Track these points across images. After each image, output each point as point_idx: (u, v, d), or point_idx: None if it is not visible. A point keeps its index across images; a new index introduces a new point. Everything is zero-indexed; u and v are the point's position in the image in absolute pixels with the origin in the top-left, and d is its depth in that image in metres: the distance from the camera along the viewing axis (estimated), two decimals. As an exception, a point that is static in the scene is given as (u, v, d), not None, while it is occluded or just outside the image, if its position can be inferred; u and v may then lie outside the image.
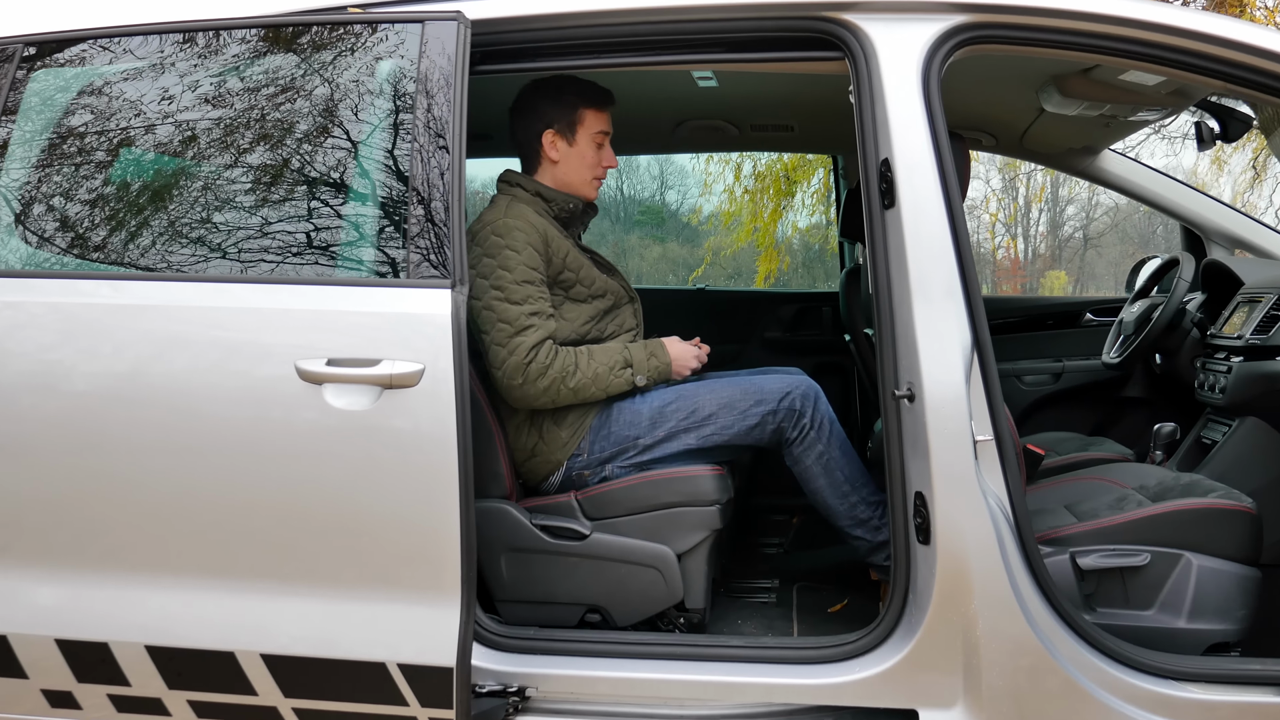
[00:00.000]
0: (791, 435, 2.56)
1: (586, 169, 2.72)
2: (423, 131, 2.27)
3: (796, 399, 2.54)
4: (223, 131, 2.33)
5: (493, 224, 2.55)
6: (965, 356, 2.19)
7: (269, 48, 2.39)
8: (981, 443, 2.19)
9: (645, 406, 2.58)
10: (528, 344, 2.46)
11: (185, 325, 2.18)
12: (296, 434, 2.13)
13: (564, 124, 2.69)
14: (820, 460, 2.57)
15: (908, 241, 2.22)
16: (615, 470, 2.56)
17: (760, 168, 11.76)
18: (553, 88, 2.69)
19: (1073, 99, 2.95)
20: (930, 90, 2.27)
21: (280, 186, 2.30)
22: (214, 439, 2.15)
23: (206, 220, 2.30)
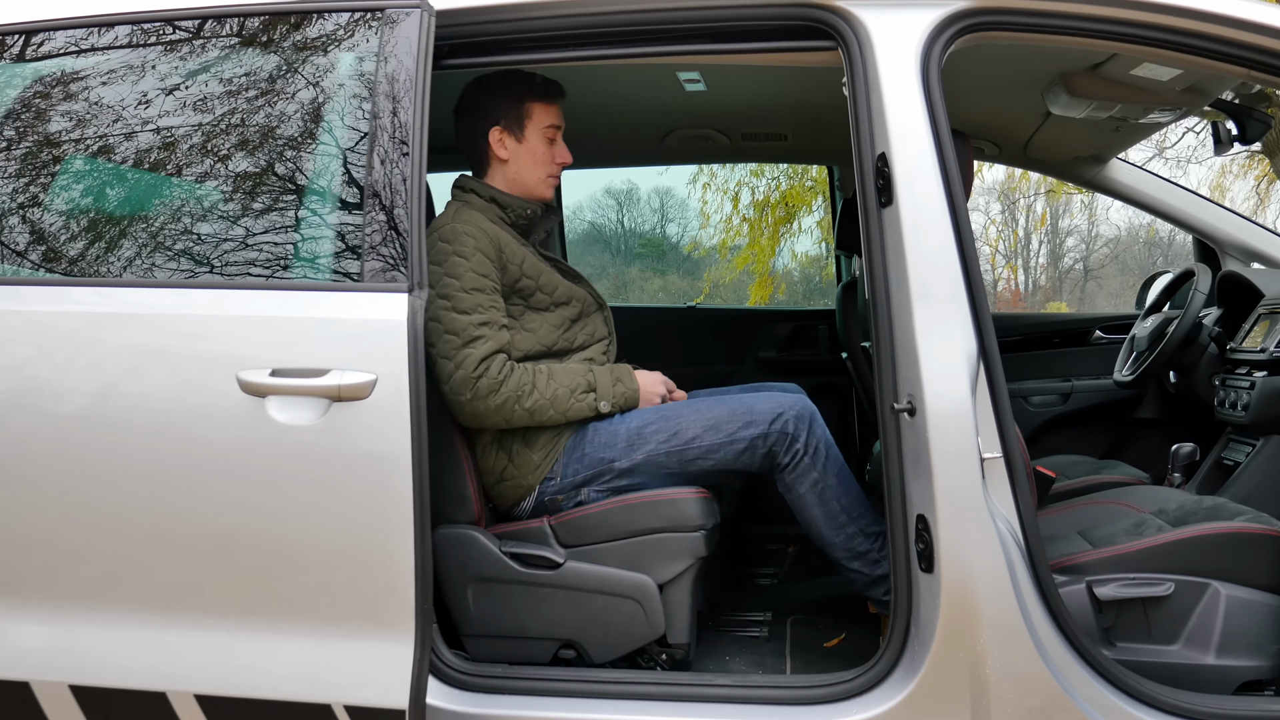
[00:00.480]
0: (784, 460, 2.35)
1: (538, 166, 2.54)
2: (382, 128, 2.10)
3: (789, 421, 2.34)
4: (164, 128, 2.16)
5: (440, 230, 2.37)
6: (971, 366, 2.01)
7: (217, 40, 2.22)
8: (989, 460, 2.00)
9: (622, 427, 2.39)
10: (476, 356, 2.27)
11: (119, 333, 2.00)
12: (237, 452, 1.94)
13: (510, 119, 2.52)
14: (815, 488, 2.37)
15: (907, 241, 2.04)
16: (591, 494, 2.36)
17: (759, 196, 11.66)
18: (496, 82, 2.53)
19: (1081, 99, 2.78)
20: (930, 80, 2.11)
21: (227, 185, 2.13)
22: (148, 458, 1.96)
23: (145, 221, 2.12)
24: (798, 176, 10.79)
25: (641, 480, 2.36)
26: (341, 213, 2.07)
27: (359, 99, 2.14)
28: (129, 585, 1.99)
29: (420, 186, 2.06)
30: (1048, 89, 2.87)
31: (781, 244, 11.83)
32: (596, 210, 19.48)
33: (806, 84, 3.03)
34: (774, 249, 11.50)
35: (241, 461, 1.94)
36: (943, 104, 2.11)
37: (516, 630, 2.32)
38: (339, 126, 2.15)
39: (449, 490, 2.33)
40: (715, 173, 11.66)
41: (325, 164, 2.13)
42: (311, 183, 2.12)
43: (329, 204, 2.09)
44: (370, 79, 2.13)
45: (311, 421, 1.91)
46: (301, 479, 1.93)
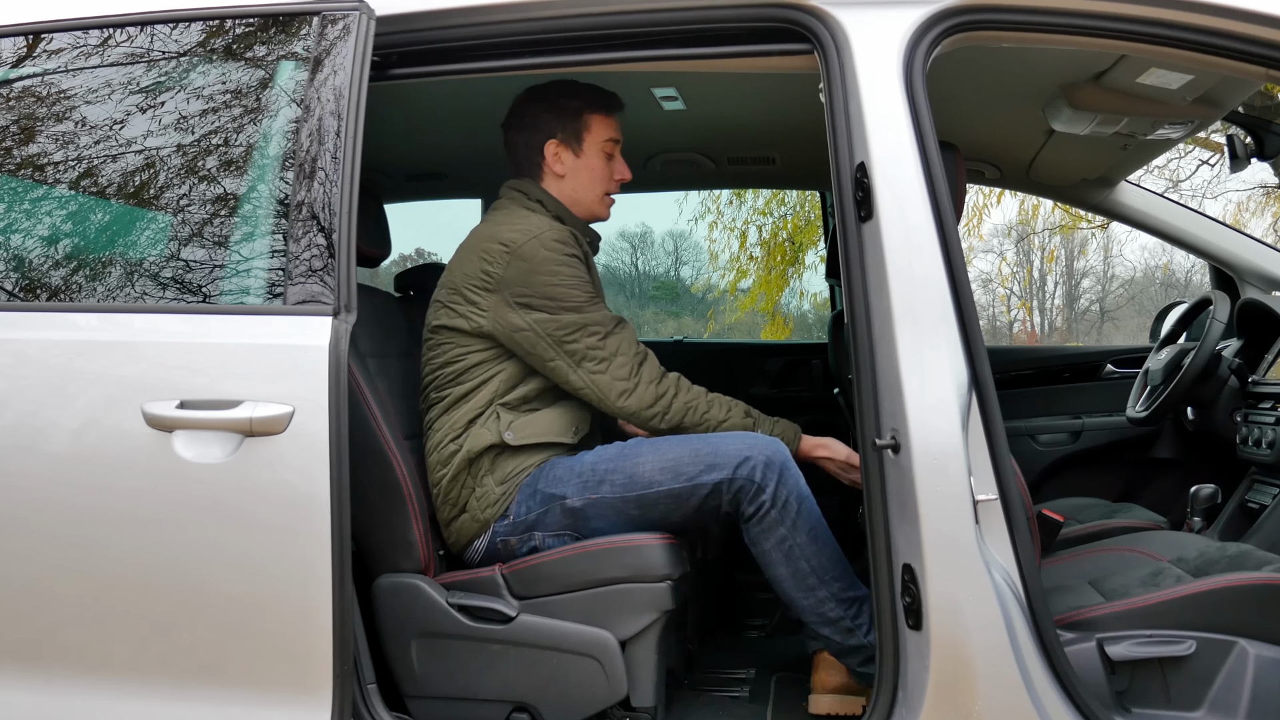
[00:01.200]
0: (747, 511, 2.10)
1: (597, 183, 2.37)
2: (312, 141, 1.92)
3: (757, 467, 2.08)
4: (72, 140, 1.98)
5: (540, 235, 2.20)
6: (961, 397, 1.80)
7: (132, 49, 2.05)
8: (983, 503, 1.79)
9: (579, 463, 2.18)
10: (630, 339, 2.22)
11: (8, 361, 1.81)
12: (139, 492, 1.75)
13: (568, 133, 2.34)
14: (781, 545, 2.12)
15: (889, 258, 1.84)
16: (546, 540, 2.15)
17: (765, 234, 11.49)
18: (552, 93, 2.35)
19: (1085, 112, 2.58)
20: (914, 84, 1.93)
21: (141, 200, 1.95)
22: (41, 500, 1.77)
23: (48, 240, 1.94)
24: (803, 210, 10.62)
25: (599, 525, 2.14)
26: (265, 231, 1.89)
27: (288, 110, 1.97)
28: (19, 645, 1.79)
29: (351, 203, 1.88)
30: (1049, 103, 2.67)
31: (789, 284, 11.64)
32: (611, 254, 19.41)
33: (789, 101, 2.84)
34: (781, 288, 11.30)
35: (145, 503, 1.76)
36: (928, 110, 1.92)
37: (464, 691, 2.09)
38: (266, 139, 1.98)
39: (392, 535, 2.13)
40: (723, 211, 11.52)
41: (251, 179, 1.95)
42: (234, 198, 1.94)
43: (252, 221, 1.90)
44: (301, 89, 1.96)
45: (221, 459, 1.72)
46: (209, 522, 1.74)
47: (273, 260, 1.86)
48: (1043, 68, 2.48)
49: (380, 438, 2.09)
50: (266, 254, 1.88)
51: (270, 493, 1.72)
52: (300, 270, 1.81)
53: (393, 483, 2.11)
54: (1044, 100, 2.69)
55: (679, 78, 2.65)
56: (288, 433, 1.71)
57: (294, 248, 1.83)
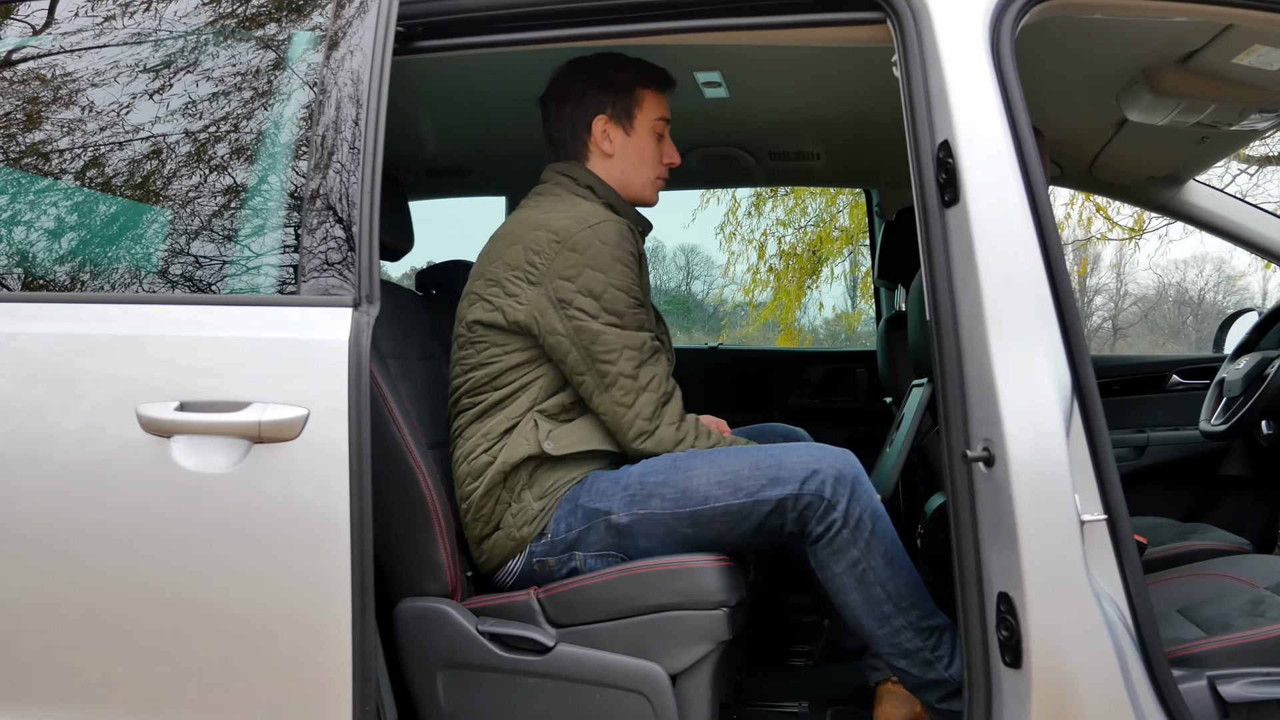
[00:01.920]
0: (816, 531, 1.88)
1: (647, 165, 2.18)
2: (331, 117, 1.73)
3: (827, 482, 1.87)
4: (71, 120, 1.79)
5: (595, 226, 1.99)
6: (1064, 403, 1.59)
7: (138, 24, 1.87)
8: (1089, 524, 1.57)
9: (624, 475, 1.97)
10: (660, 375, 2.01)
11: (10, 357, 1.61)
12: (137, 505, 1.55)
13: (619, 109, 2.15)
14: (854, 569, 1.90)
15: (978, 247, 1.64)
16: (588, 560, 1.94)
17: (785, 245, 11.29)
18: (600, 66, 2.16)
19: (1168, 98, 2.37)
20: (1002, 54, 1.73)
21: (145, 185, 1.76)
22: (26, 513, 1.56)
23: (47, 226, 1.75)
24: (830, 220, 10.41)
25: (647, 544, 1.93)
26: (279, 214, 1.70)
27: (304, 89, 1.78)
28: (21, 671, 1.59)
29: (375, 186, 1.69)
30: (1126, 89, 2.46)
31: (807, 295, 11.43)
32: (622, 269, 19.38)
33: (841, 91, 2.65)
34: (800, 300, 11.09)
35: (143, 517, 1.56)
36: (1018, 83, 1.72)
37: (495, 730, 1.88)
38: (280, 118, 1.78)
39: (416, 555, 1.92)
40: (741, 222, 11.32)
41: (264, 160, 1.76)
42: (245, 181, 1.75)
43: (265, 204, 1.71)
44: (318, 66, 1.77)
45: (225, 468, 1.51)
46: (213, 539, 1.53)
47: (286, 249, 1.67)
48: (1126, 47, 2.27)
49: (403, 446, 1.89)
50: (280, 243, 1.68)
51: (282, 506, 1.52)
52: (317, 257, 1.61)
53: (416, 497, 1.91)
54: (1120, 86, 2.48)
55: (725, 59, 2.46)
56: (301, 439, 1.51)
57: (309, 237, 1.64)
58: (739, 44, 2.23)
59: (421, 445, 1.97)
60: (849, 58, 2.39)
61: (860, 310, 12.13)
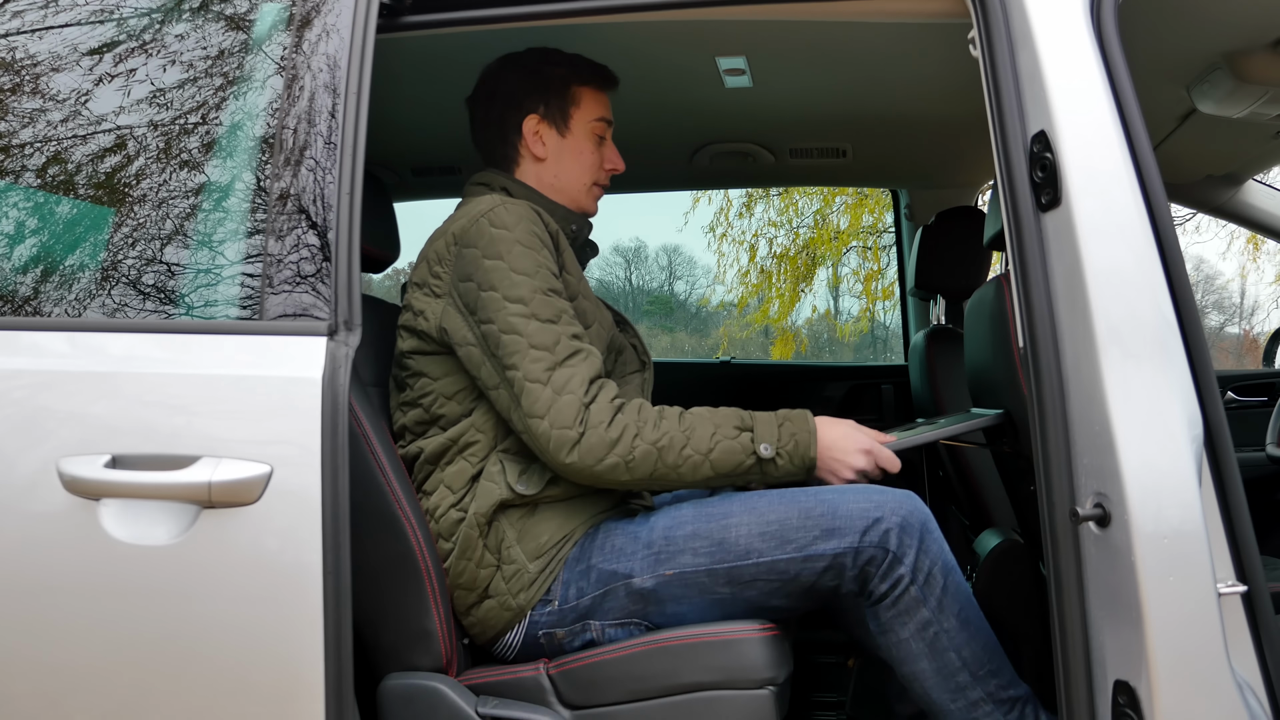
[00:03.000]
0: (880, 590, 1.60)
1: (585, 170, 1.93)
2: (302, 107, 1.44)
3: (891, 532, 1.59)
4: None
5: (489, 213, 1.70)
6: (1196, 447, 1.31)
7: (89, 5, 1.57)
8: (1226, 596, 1.29)
9: (645, 527, 1.67)
10: (581, 376, 1.62)
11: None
12: (51, 585, 1.23)
13: (552, 108, 1.90)
14: (924, 633, 1.61)
15: (1086, 259, 1.36)
16: (604, 629, 1.64)
17: (778, 248, 11.05)
18: (532, 61, 1.92)
19: (1254, 86, 2.09)
20: (1105, 28, 1.45)
21: (68, 180, 1.45)
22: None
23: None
24: (830, 220, 10.17)
25: (677, 609, 1.64)
26: (238, 222, 1.39)
27: (271, 73, 1.49)
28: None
29: (354, 191, 1.40)
30: (1201, 77, 2.18)
31: (801, 298, 11.18)
32: (604, 268, 19.16)
33: (876, 81, 2.37)
34: (794, 304, 10.83)
35: (63, 602, 1.24)
36: (1124, 62, 1.44)
37: (500, 832, 1.59)
38: (243, 109, 1.49)
39: (404, 623, 1.62)
40: (732, 223, 11.06)
41: (221, 158, 1.46)
42: (199, 183, 1.45)
43: (222, 211, 1.41)
44: (288, 46, 1.48)
45: (167, 540, 1.21)
46: (156, 627, 1.22)
47: (248, 262, 1.36)
48: (1211, 29, 1.99)
49: (389, 495, 1.59)
50: (240, 255, 1.38)
51: (240, 586, 1.22)
52: (285, 273, 1.31)
53: (404, 555, 1.61)
54: (1194, 74, 2.20)
55: (752, 43, 2.17)
56: (263, 502, 1.21)
57: (277, 247, 1.34)
58: (776, 21, 1.96)
59: (410, 492, 1.67)
60: (884, 41, 2.12)
61: (845, 312, 11.91)
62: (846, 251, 10.48)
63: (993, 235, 1.87)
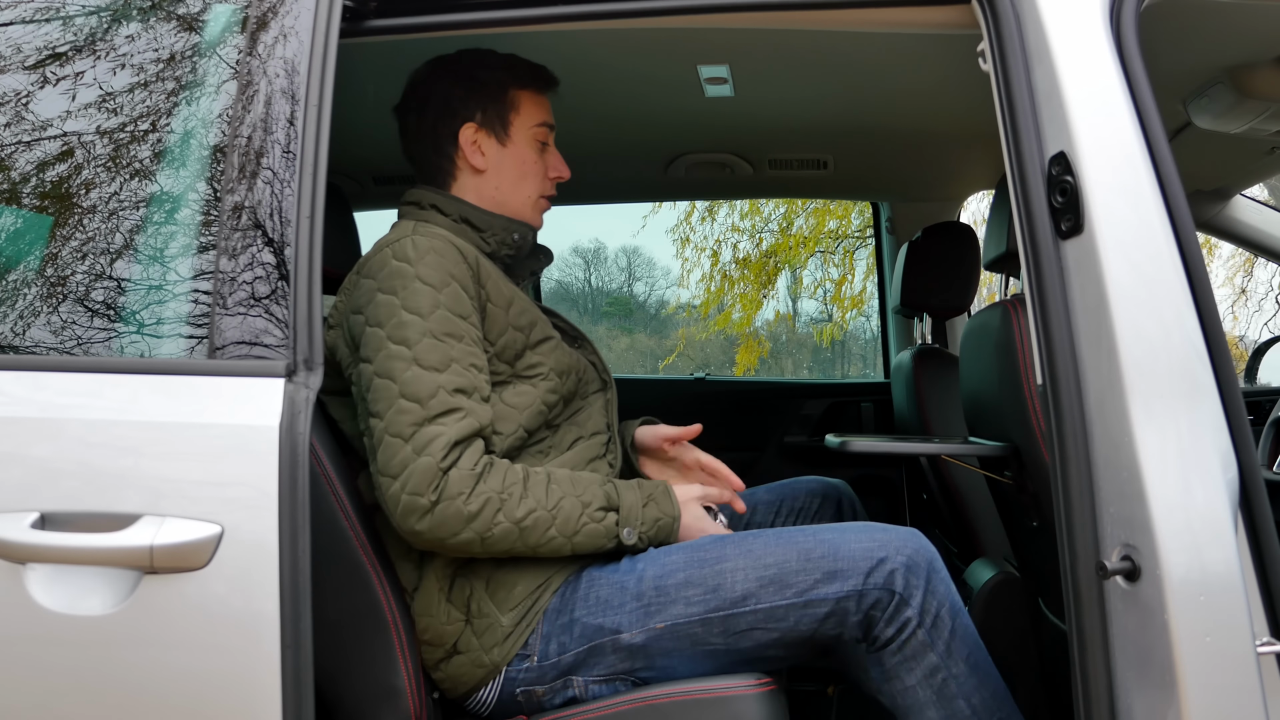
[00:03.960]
0: (885, 635, 1.48)
1: (527, 180, 1.78)
2: (257, 124, 1.31)
3: (897, 573, 1.47)
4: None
5: (392, 245, 1.56)
6: (1232, 495, 1.21)
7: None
8: (1265, 655, 1.20)
9: (632, 577, 1.54)
10: (447, 437, 1.45)
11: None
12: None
13: (490, 115, 1.75)
14: (932, 679, 1.49)
15: (1111, 289, 1.26)
16: (588, 686, 1.52)
17: (741, 254, 10.97)
18: (466, 64, 1.78)
19: (1256, 101, 2.02)
20: (1126, 42, 1.36)
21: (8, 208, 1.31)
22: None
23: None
24: (795, 225, 10.09)
25: (666, 663, 1.52)
26: (186, 251, 1.25)
27: (224, 77, 1.36)
28: None
29: (315, 213, 1.28)
30: (1200, 92, 2.11)
31: (763, 306, 11.11)
32: (564, 269, 19.05)
33: (859, 91, 2.28)
34: (757, 309, 10.75)
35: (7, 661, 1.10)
36: (1146, 79, 1.35)
37: None
38: (193, 121, 1.36)
39: (370, 679, 1.49)
40: (695, 228, 10.97)
41: (168, 177, 1.32)
42: (143, 205, 1.31)
43: (164, 231, 1.27)
44: (243, 48, 1.36)
45: (104, 609, 1.08)
46: (86, 710, 1.08)
47: (197, 295, 1.23)
48: (1215, 43, 1.91)
49: (353, 542, 1.46)
50: (186, 283, 1.25)
51: (185, 664, 1.08)
52: (235, 309, 1.18)
53: (369, 606, 1.48)
54: (1192, 88, 2.12)
55: (736, 52, 2.07)
56: (213, 567, 1.08)
57: (229, 276, 1.20)
58: (763, 30, 1.85)
59: (375, 533, 1.54)
60: (873, 51, 2.03)
61: (804, 315, 11.88)
62: (809, 258, 10.41)
63: (995, 257, 1.78)
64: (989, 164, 2.77)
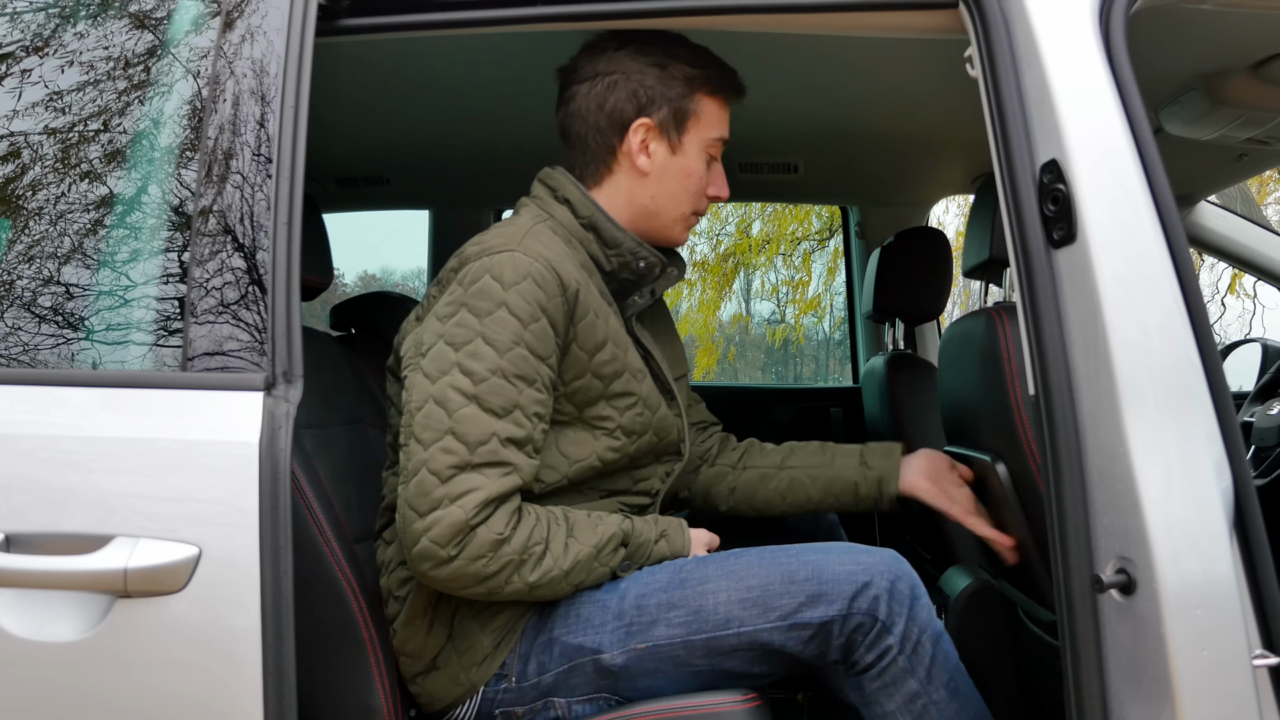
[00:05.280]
0: (865, 660, 1.45)
1: (689, 196, 1.64)
2: (229, 127, 1.27)
3: (881, 599, 1.43)
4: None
5: (495, 255, 1.45)
6: (1228, 507, 1.21)
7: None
8: (1261, 669, 1.19)
9: (614, 595, 1.50)
10: (484, 494, 1.37)
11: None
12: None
13: (670, 114, 1.59)
14: (912, 706, 1.46)
15: (1105, 299, 1.25)
16: (570, 707, 1.49)
17: (698, 255, 10.96)
18: (656, 53, 1.59)
19: (1229, 109, 2.03)
20: (1115, 47, 1.35)
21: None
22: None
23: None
24: (753, 228, 10.11)
25: (648, 683, 1.47)
26: (156, 257, 1.20)
27: (193, 78, 1.31)
28: None
29: (293, 218, 1.23)
30: (1173, 98, 2.11)
31: (720, 307, 11.11)
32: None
33: (830, 95, 2.27)
34: (716, 311, 10.75)
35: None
36: (1135, 86, 1.34)
37: None
38: (164, 125, 1.31)
39: (345, 697, 1.45)
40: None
41: (137, 181, 1.27)
42: (112, 212, 1.25)
43: (137, 244, 1.22)
44: (218, 55, 1.31)
45: (76, 635, 1.03)
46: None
47: (169, 305, 1.18)
48: (1191, 51, 1.91)
49: (329, 556, 1.42)
50: (160, 294, 1.20)
51: (161, 689, 1.03)
52: (210, 319, 1.13)
53: (345, 622, 1.44)
54: (1165, 95, 2.13)
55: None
56: (190, 590, 1.03)
57: (202, 285, 1.15)
58: (742, 34, 1.83)
59: (350, 549, 1.49)
60: (850, 54, 2.01)
61: (758, 315, 11.89)
62: (771, 259, 10.43)
63: (976, 264, 1.77)
64: (959, 168, 2.77)
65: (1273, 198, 9.79)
